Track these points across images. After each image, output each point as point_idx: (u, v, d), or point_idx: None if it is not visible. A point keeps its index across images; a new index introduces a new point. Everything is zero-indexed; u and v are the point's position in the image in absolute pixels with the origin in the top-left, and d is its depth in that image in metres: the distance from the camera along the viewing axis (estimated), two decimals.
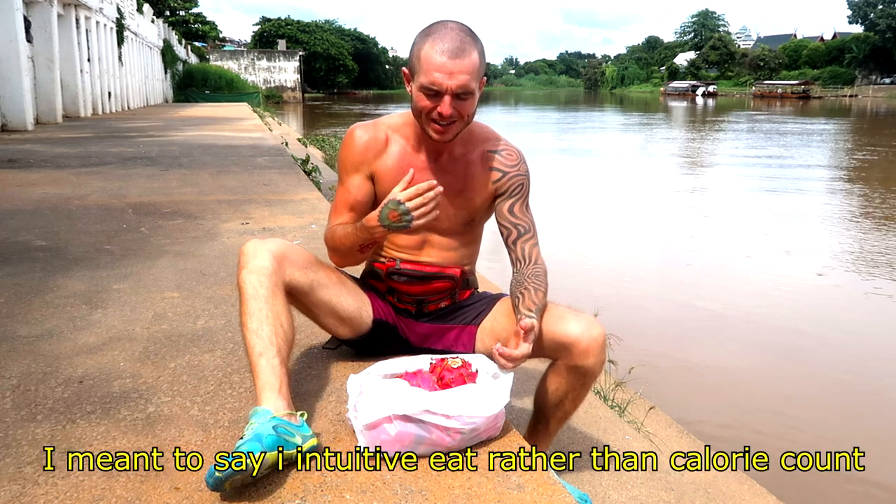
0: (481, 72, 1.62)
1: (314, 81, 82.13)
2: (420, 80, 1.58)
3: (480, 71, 1.61)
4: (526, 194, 1.78)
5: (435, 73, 1.55)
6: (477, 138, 1.78)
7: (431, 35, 1.58)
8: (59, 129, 12.19)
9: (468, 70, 1.56)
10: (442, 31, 1.58)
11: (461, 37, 1.57)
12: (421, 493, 1.34)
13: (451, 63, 1.55)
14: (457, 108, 1.59)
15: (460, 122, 1.64)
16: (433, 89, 1.57)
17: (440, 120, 1.61)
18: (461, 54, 1.55)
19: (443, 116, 1.59)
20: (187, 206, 4.65)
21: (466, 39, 1.58)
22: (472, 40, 1.59)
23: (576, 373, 1.61)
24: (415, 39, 1.62)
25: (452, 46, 1.55)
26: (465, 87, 1.57)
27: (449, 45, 1.55)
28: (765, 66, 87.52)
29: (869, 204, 10.15)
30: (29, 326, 2.28)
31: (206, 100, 33.86)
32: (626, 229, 8.43)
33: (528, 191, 1.80)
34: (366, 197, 1.77)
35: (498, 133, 1.83)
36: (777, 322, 5.07)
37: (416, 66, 1.60)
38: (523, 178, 1.78)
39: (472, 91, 1.59)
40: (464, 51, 1.56)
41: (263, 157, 8.01)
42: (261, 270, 1.58)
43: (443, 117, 1.60)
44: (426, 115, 1.62)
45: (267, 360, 1.49)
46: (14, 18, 11.06)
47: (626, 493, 2.04)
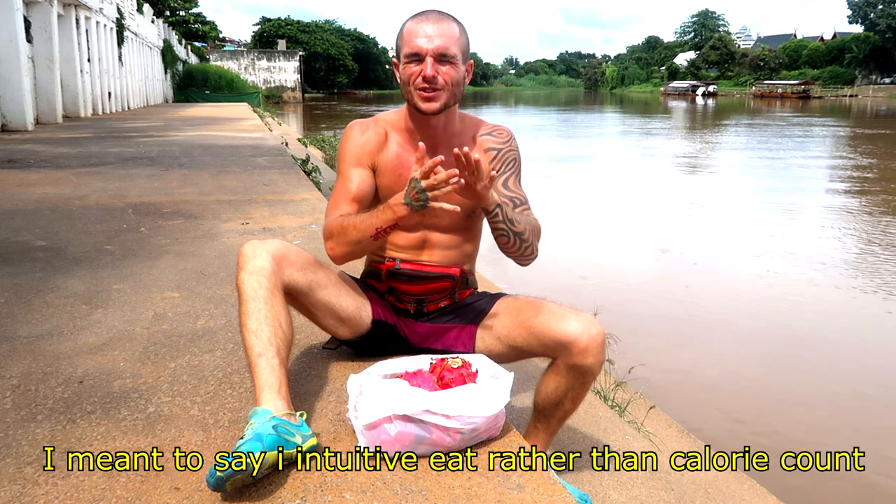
0: (464, 46, 1.70)
1: (314, 81, 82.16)
2: (404, 51, 1.68)
3: (463, 44, 1.69)
4: (518, 169, 1.84)
5: (415, 39, 1.65)
6: (467, 127, 1.84)
7: (412, 16, 1.71)
8: (59, 129, 12.19)
9: (447, 34, 1.66)
10: (423, 12, 1.72)
11: (441, 13, 1.69)
12: (421, 493, 1.34)
13: (430, 27, 1.65)
14: (440, 73, 1.66)
15: (445, 90, 1.68)
16: (416, 53, 1.65)
17: (425, 85, 1.66)
18: (441, 21, 1.67)
19: (426, 79, 1.65)
20: (187, 207, 4.65)
21: (446, 15, 1.70)
22: (452, 17, 1.71)
23: (575, 372, 1.61)
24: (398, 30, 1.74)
25: (432, 16, 1.68)
26: (446, 49, 1.65)
27: (429, 16, 1.68)
28: (765, 66, 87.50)
29: (870, 205, 10.15)
30: (29, 326, 2.28)
31: (206, 100, 33.86)
32: (626, 229, 8.43)
33: (520, 166, 1.86)
34: (370, 188, 1.78)
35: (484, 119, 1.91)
36: (777, 322, 5.07)
37: (400, 43, 1.70)
38: (515, 153, 1.85)
39: (453, 55, 1.66)
40: (444, 19, 1.68)
41: (263, 157, 8.01)
42: (259, 271, 1.58)
43: (427, 80, 1.65)
44: (412, 85, 1.68)
45: (266, 361, 1.49)
46: (14, 18, 11.06)
47: (626, 493, 2.04)
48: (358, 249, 1.75)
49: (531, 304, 1.70)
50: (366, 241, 1.70)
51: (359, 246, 1.73)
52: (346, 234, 1.71)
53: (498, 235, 1.71)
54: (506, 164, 1.81)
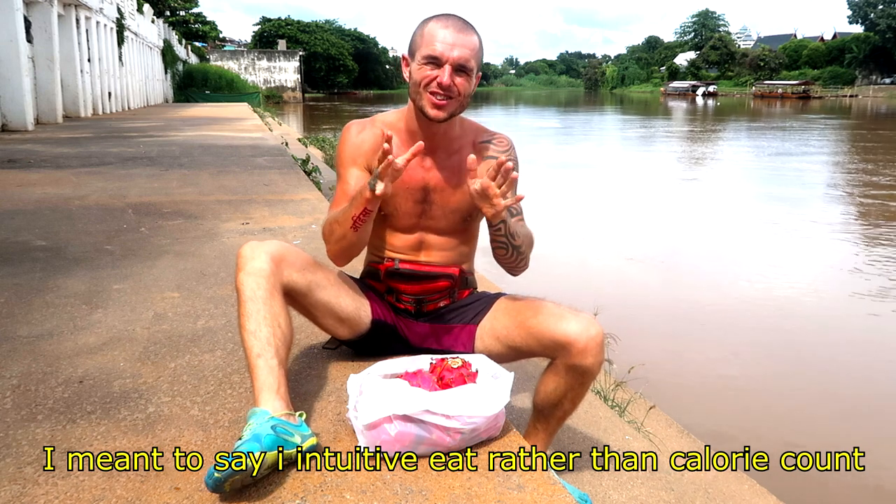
0: (480, 59, 1.70)
1: (314, 81, 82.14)
2: (422, 52, 1.66)
3: (479, 57, 1.70)
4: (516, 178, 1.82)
5: (438, 42, 1.64)
6: (467, 132, 1.84)
7: (434, 17, 1.69)
8: (59, 129, 12.19)
9: (469, 46, 1.65)
10: (445, 15, 1.69)
11: (464, 21, 1.68)
12: (421, 493, 1.34)
13: (454, 36, 1.65)
14: (455, 83, 1.65)
15: (456, 100, 1.68)
16: (435, 58, 1.63)
17: (438, 92, 1.65)
18: (464, 31, 1.66)
19: (442, 87, 1.64)
20: (187, 207, 4.65)
21: (469, 25, 1.69)
22: (473, 28, 1.70)
23: (574, 372, 1.61)
24: (416, 27, 1.71)
25: (456, 23, 1.66)
26: (466, 61, 1.64)
27: (453, 22, 1.66)
28: (765, 66, 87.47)
29: (872, 205, 10.14)
30: (29, 326, 2.28)
31: (206, 100, 33.85)
32: (626, 230, 8.43)
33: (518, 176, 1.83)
34: None
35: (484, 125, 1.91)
36: (777, 322, 5.07)
37: (419, 42, 1.68)
38: (514, 162, 1.82)
39: (471, 69, 1.67)
40: (467, 29, 1.67)
41: (263, 157, 8.01)
42: (258, 272, 1.58)
43: (441, 87, 1.64)
44: (424, 87, 1.67)
45: (265, 361, 1.49)
46: (14, 18, 11.06)
47: (626, 493, 2.04)
48: (346, 245, 1.74)
49: (530, 305, 1.70)
50: (348, 233, 1.70)
51: (345, 241, 1.73)
52: (332, 231, 1.74)
53: (497, 247, 1.71)
54: None
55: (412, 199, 1.79)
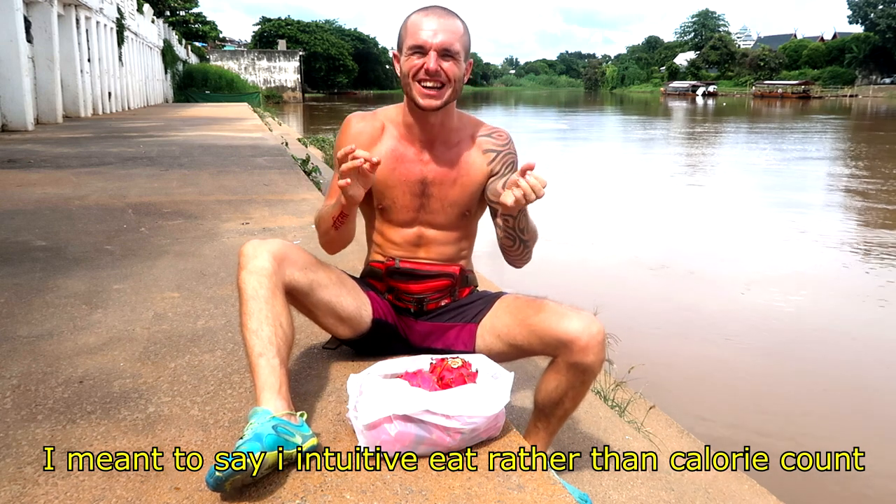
0: (466, 44, 1.71)
1: (314, 81, 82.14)
2: (407, 43, 1.69)
3: (465, 42, 1.71)
4: None
5: (421, 31, 1.66)
6: (466, 126, 1.85)
7: (417, 10, 1.72)
8: (59, 129, 12.19)
9: (452, 30, 1.67)
10: (427, 7, 1.72)
11: (445, 9, 1.73)
12: (421, 493, 1.34)
13: (437, 22, 1.67)
14: (443, 68, 1.66)
15: (448, 86, 1.69)
16: (419, 46, 1.66)
17: (427, 79, 1.66)
18: (446, 17, 1.69)
19: (429, 73, 1.66)
20: (187, 206, 4.65)
21: (450, 12, 1.72)
22: (456, 15, 1.72)
23: (575, 370, 1.61)
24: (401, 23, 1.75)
25: (437, 11, 1.69)
26: (450, 45, 1.66)
27: (434, 11, 1.70)
28: (765, 66, 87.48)
29: (872, 206, 10.14)
30: (29, 326, 2.28)
31: (206, 100, 33.85)
32: (626, 230, 8.43)
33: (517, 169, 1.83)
34: None
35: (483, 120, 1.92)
36: (777, 322, 5.06)
37: (403, 35, 1.71)
38: (513, 156, 1.86)
39: (456, 52, 1.68)
40: (449, 15, 1.70)
41: (263, 157, 8.01)
42: (260, 271, 1.58)
43: (429, 74, 1.66)
44: (413, 78, 1.68)
45: (266, 361, 1.49)
46: (14, 18, 11.06)
47: (626, 493, 2.04)
48: (330, 240, 1.81)
49: (532, 303, 1.70)
50: (331, 230, 1.75)
51: (328, 236, 1.80)
52: (319, 225, 1.80)
53: (505, 237, 1.73)
54: (504, 166, 1.83)
55: (410, 192, 1.79)
